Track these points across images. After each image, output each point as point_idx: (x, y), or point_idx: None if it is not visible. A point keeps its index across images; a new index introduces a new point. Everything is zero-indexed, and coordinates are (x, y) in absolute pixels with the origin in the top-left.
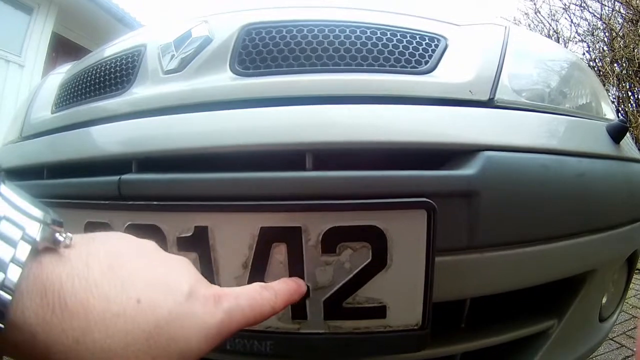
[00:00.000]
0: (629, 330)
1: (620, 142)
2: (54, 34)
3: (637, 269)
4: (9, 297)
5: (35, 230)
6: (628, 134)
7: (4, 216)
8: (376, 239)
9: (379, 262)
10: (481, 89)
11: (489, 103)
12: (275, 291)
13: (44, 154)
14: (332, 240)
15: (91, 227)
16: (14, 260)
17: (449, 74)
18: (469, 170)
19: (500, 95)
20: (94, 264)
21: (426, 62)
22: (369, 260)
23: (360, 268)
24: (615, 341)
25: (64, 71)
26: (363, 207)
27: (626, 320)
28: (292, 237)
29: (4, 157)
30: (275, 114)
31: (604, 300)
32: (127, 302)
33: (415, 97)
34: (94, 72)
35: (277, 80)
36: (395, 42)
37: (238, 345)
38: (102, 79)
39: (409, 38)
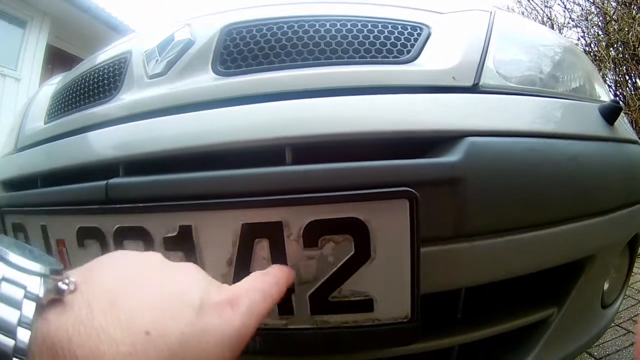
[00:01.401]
0: (635, 315)
1: (615, 124)
2: (49, 46)
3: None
4: None
5: (36, 286)
6: (623, 115)
7: (2, 277)
8: (358, 231)
9: (363, 254)
10: (465, 74)
11: (474, 89)
12: (275, 274)
13: (36, 163)
14: (313, 234)
15: (83, 232)
16: (20, 322)
17: (432, 61)
18: (453, 157)
19: (486, 80)
20: (95, 305)
21: (408, 52)
22: (352, 252)
23: (343, 261)
24: (622, 327)
25: (56, 82)
26: (342, 199)
27: (632, 305)
28: (273, 232)
29: (1, 169)
30: (254, 110)
31: (606, 286)
32: (136, 337)
33: (397, 86)
34: (83, 81)
35: (257, 78)
36: (376, 33)
37: None
38: (90, 87)
39: (390, 28)
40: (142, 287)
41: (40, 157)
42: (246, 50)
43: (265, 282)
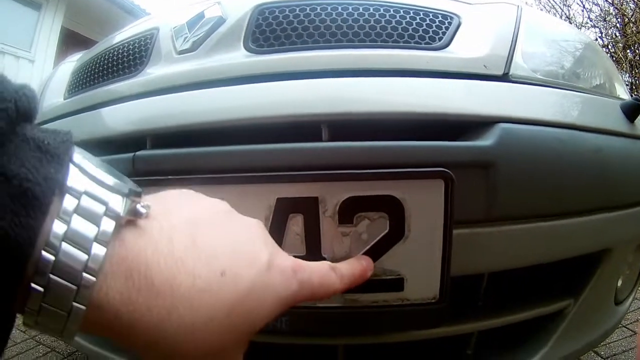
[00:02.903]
0: None
1: (635, 121)
2: (64, 29)
3: None
4: (92, 278)
5: (118, 205)
6: None
7: (85, 191)
8: (393, 209)
9: (397, 232)
10: (495, 64)
11: (504, 77)
12: (342, 273)
13: None
14: (349, 211)
15: None
16: (97, 239)
17: (463, 49)
18: (486, 141)
19: (515, 70)
20: (176, 238)
21: (440, 39)
22: (386, 231)
23: (377, 239)
24: (628, 328)
25: (75, 59)
26: (379, 177)
27: (639, 308)
28: (308, 207)
29: None
30: (291, 86)
31: (619, 282)
32: (212, 276)
33: (430, 71)
34: (106, 57)
35: (291, 56)
36: (408, 19)
37: None
38: (115, 62)
39: (422, 15)
40: (218, 229)
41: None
42: (279, 29)
43: (327, 274)
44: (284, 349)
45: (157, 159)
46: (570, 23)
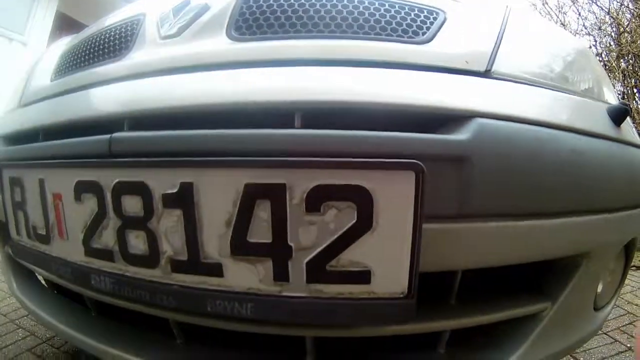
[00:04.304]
0: (624, 325)
1: (621, 126)
2: (59, 13)
3: (633, 266)
4: None
5: None
6: (629, 120)
7: None
8: (362, 199)
9: (365, 223)
10: (478, 60)
11: (486, 74)
12: None
13: (39, 118)
14: (316, 199)
15: (81, 186)
16: None
17: (447, 45)
18: (461, 135)
19: (498, 68)
20: None
21: (423, 33)
22: (354, 221)
23: (345, 229)
24: (609, 335)
25: (65, 42)
26: (349, 165)
27: (621, 315)
28: (276, 194)
29: (2, 124)
30: (267, 73)
31: (600, 288)
32: None
33: (410, 63)
34: (93, 40)
35: (272, 44)
36: (392, 12)
37: (219, 307)
38: (101, 46)
39: (407, 10)
40: None
41: (44, 111)
42: (262, 18)
43: None
44: (252, 339)
45: (132, 140)
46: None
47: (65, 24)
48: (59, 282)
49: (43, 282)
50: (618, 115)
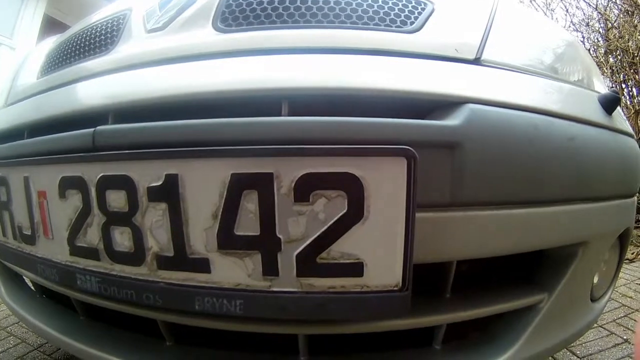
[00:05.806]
0: (619, 318)
1: (613, 115)
2: (46, 16)
3: (626, 259)
4: None
5: None
6: (620, 109)
7: None
8: (352, 188)
9: (355, 213)
10: (468, 48)
11: (476, 61)
12: None
13: (23, 115)
14: (305, 188)
15: (65, 182)
16: None
17: (435, 34)
18: (452, 121)
19: (488, 56)
20: None
21: (411, 23)
22: (344, 210)
23: (335, 219)
24: (604, 328)
25: (52, 41)
26: (338, 153)
27: (616, 308)
28: (263, 183)
29: None
30: (253, 62)
31: (596, 279)
32: None
33: (398, 51)
34: (79, 37)
35: (258, 34)
36: (380, 3)
37: (207, 305)
38: (87, 42)
39: (394, 0)
40: None
41: (28, 109)
42: (249, 9)
43: None
44: (245, 339)
45: (116, 133)
46: None
47: (53, 27)
48: (46, 285)
49: (31, 286)
50: (610, 104)
